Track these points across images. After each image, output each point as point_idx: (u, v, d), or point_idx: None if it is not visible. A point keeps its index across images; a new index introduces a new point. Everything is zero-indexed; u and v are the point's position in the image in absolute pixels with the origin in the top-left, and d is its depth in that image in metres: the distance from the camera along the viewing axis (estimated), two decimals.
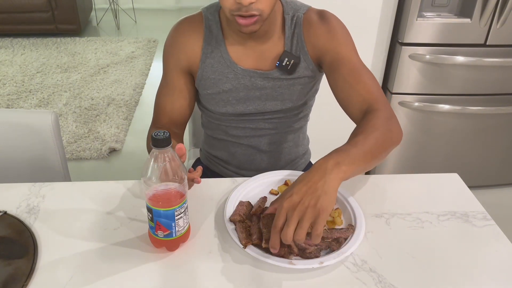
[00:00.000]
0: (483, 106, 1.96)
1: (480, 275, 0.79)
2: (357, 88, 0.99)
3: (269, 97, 1.11)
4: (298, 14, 1.06)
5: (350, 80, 1.00)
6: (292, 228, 0.73)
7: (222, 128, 1.18)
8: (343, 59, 1.03)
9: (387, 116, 0.93)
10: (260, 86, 1.09)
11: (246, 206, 0.90)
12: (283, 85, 1.09)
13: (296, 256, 0.80)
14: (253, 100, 1.11)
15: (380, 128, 0.89)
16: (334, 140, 1.19)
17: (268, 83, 1.09)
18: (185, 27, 1.09)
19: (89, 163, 2.50)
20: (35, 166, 1.22)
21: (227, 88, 1.09)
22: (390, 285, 0.76)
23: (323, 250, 0.81)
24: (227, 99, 1.10)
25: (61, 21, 4.06)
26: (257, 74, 1.08)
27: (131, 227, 0.87)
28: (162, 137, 0.72)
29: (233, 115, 1.14)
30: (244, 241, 0.81)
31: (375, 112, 0.93)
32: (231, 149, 1.21)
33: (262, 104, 1.11)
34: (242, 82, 1.08)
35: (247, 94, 1.10)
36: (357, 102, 0.99)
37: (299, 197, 0.75)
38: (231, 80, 1.08)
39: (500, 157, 2.16)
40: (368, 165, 0.85)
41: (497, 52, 1.83)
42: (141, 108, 3.05)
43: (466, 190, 1.01)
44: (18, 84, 3.29)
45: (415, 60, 1.85)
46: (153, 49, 3.93)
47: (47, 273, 0.77)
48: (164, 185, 0.74)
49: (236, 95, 1.10)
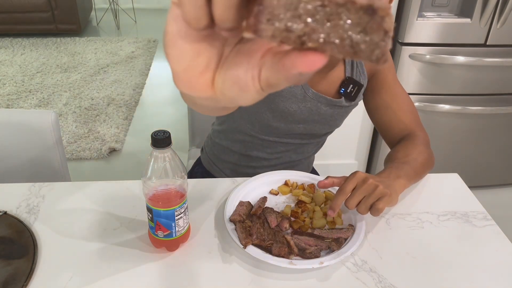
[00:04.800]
0: (483, 106, 1.96)
1: (480, 275, 0.79)
2: (399, 114, 1.03)
3: (322, 121, 1.06)
4: None
5: (394, 106, 1.04)
6: (358, 199, 0.78)
7: (244, 141, 1.11)
8: (387, 83, 1.05)
9: (427, 143, 1.01)
10: (323, 112, 1.03)
11: (246, 206, 0.90)
12: (342, 112, 1.05)
13: (296, 256, 0.80)
14: (308, 122, 1.04)
15: (425, 154, 0.97)
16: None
17: (331, 110, 1.03)
18: None
19: (89, 163, 2.50)
20: (35, 166, 1.22)
21: (292, 109, 1.00)
22: (390, 285, 0.76)
23: (323, 250, 0.81)
24: (285, 118, 1.02)
25: (61, 21, 4.06)
26: (326, 100, 1.01)
27: (131, 227, 0.87)
28: (162, 137, 0.71)
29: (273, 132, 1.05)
30: (244, 241, 0.81)
31: (415, 138, 1.00)
32: (242, 162, 1.15)
33: (310, 126, 1.06)
34: (308, 106, 1.01)
35: (307, 117, 1.03)
36: (399, 128, 1.04)
37: (373, 180, 0.81)
38: (299, 102, 1.00)
39: (500, 157, 2.16)
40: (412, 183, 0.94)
41: (497, 52, 1.83)
42: (141, 108, 3.05)
43: (466, 190, 1.01)
44: (18, 84, 3.29)
45: (415, 60, 1.85)
46: (153, 49, 3.93)
47: (47, 273, 0.77)
48: (164, 185, 0.74)
49: (296, 117, 1.02)
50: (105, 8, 4.68)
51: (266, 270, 0.79)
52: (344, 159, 2.24)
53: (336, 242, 0.82)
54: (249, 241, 0.81)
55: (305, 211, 0.91)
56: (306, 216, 0.90)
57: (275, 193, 0.97)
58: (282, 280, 0.77)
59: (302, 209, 0.91)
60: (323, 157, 2.08)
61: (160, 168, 0.73)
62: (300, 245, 0.81)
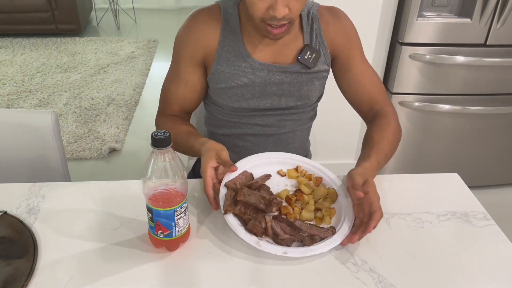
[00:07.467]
0: (483, 106, 1.96)
1: (480, 275, 0.79)
2: (368, 89, 1.12)
3: (286, 92, 1.09)
4: (312, 11, 1.07)
5: (363, 81, 1.11)
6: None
7: (229, 125, 1.17)
8: (355, 60, 1.11)
9: (396, 118, 1.10)
10: (278, 81, 1.08)
11: (246, 177, 0.91)
12: (302, 80, 1.09)
13: (268, 239, 0.82)
14: (269, 96, 1.09)
15: (397, 133, 1.07)
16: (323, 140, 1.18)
17: (287, 78, 1.08)
18: (203, 17, 1.06)
19: (89, 163, 2.50)
20: (35, 166, 1.22)
21: (242, 82, 1.06)
22: (390, 285, 0.76)
23: (296, 241, 0.82)
24: (241, 94, 1.08)
25: (61, 21, 4.05)
26: (276, 68, 1.06)
27: (131, 227, 0.87)
28: (162, 137, 0.72)
29: (245, 110, 1.12)
30: (226, 208, 0.83)
31: (387, 116, 1.08)
32: (235, 147, 1.19)
33: (278, 99, 1.10)
34: (259, 76, 1.06)
35: (263, 89, 1.08)
36: (368, 102, 1.12)
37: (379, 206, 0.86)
38: (248, 74, 1.06)
39: (500, 157, 2.16)
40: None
41: (497, 52, 1.83)
42: (141, 108, 3.05)
43: (466, 190, 1.01)
44: (18, 84, 3.29)
45: (415, 60, 1.85)
46: (153, 49, 3.92)
47: (47, 273, 0.77)
48: (164, 185, 0.74)
49: (252, 90, 1.08)
50: (105, 8, 4.68)
51: (266, 270, 0.79)
52: (344, 159, 2.24)
53: (310, 238, 0.81)
54: (230, 210, 0.83)
55: (300, 201, 0.92)
56: (299, 205, 0.91)
57: (282, 174, 0.98)
58: (282, 281, 0.77)
59: (297, 197, 0.92)
60: (323, 157, 2.08)
61: (160, 168, 0.73)
62: (276, 230, 0.82)
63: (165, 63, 3.75)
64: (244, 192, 0.85)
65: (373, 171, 0.94)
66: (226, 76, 1.06)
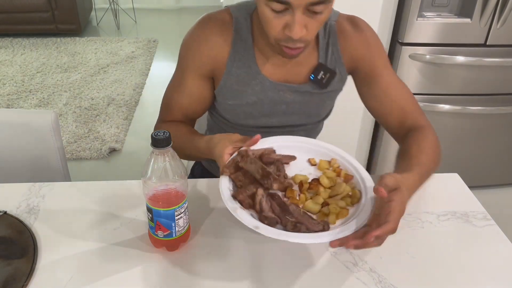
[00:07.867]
0: (483, 106, 1.96)
1: (480, 275, 0.79)
2: (397, 101, 1.01)
3: (296, 111, 1.04)
4: (331, 23, 1.00)
5: (390, 92, 1.01)
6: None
7: None
8: (379, 70, 1.02)
9: (434, 132, 0.99)
10: (288, 100, 1.02)
11: (265, 150, 0.84)
12: (313, 100, 1.04)
13: (252, 211, 0.77)
14: (278, 114, 1.04)
15: (436, 148, 0.96)
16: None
17: (298, 97, 1.02)
18: (213, 26, 0.97)
19: (89, 163, 2.50)
20: (35, 166, 1.22)
21: (251, 100, 1.01)
22: (390, 285, 0.76)
23: (279, 224, 0.75)
24: (250, 112, 1.03)
25: (61, 21, 4.05)
26: (287, 88, 1.00)
27: (131, 227, 0.87)
28: (162, 137, 0.72)
29: (252, 127, 1.07)
30: (223, 168, 0.80)
31: (423, 130, 0.98)
32: None
33: (287, 117, 1.05)
34: (269, 95, 1.01)
35: (273, 107, 1.03)
36: (397, 115, 1.01)
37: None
38: (257, 93, 1.00)
39: (500, 157, 2.16)
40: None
41: (497, 52, 1.83)
42: (141, 108, 3.05)
43: (466, 190, 1.01)
44: (18, 84, 3.29)
45: (415, 60, 1.85)
46: (153, 49, 3.92)
47: (47, 273, 0.77)
48: (164, 185, 0.74)
49: (260, 108, 1.02)
50: (105, 8, 4.68)
51: (266, 271, 0.79)
52: None
53: (293, 226, 0.74)
54: (227, 172, 0.80)
55: (312, 190, 0.83)
56: (309, 195, 0.83)
57: (313, 163, 0.89)
58: (282, 281, 0.77)
59: (310, 186, 0.83)
60: None
61: (160, 168, 0.73)
62: (263, 205, 0.76)
63: (165, 63, 3.76)
64: (247, 160, 0.79)
65: (409, 183, 0.81)
66: (235, 93, 1.01)
